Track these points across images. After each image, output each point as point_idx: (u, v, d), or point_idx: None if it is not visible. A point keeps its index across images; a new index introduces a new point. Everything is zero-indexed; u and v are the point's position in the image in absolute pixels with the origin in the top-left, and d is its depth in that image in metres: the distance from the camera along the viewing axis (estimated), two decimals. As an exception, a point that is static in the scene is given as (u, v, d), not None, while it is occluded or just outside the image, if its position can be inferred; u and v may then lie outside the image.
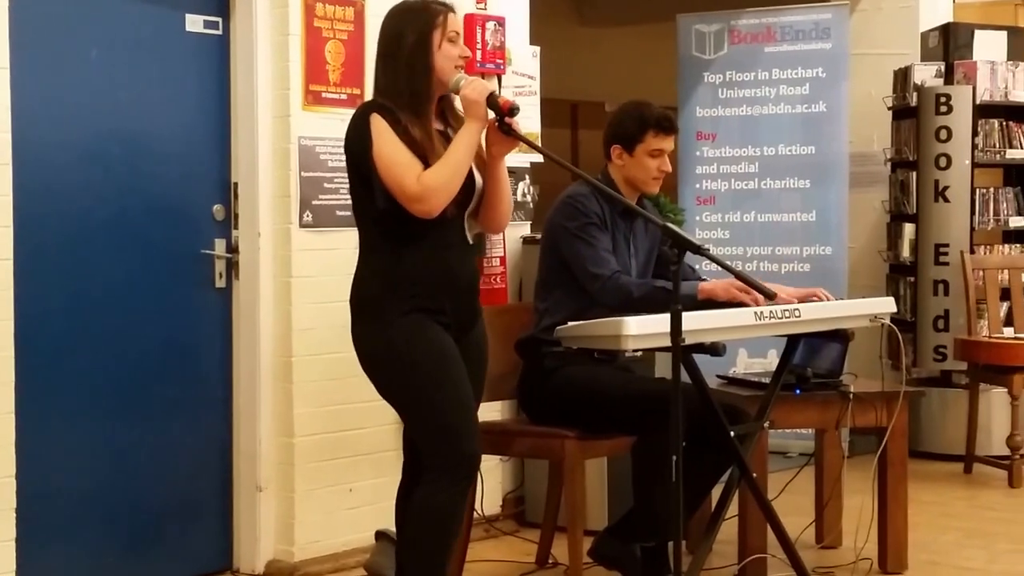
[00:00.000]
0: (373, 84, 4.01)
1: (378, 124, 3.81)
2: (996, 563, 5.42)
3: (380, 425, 5.33)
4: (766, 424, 4.78)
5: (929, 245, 7.50)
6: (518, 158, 5.74)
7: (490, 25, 5.83)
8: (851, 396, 5.00)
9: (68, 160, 4.69)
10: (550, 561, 5.25)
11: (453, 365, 3.90)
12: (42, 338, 4.58)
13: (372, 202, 3.87)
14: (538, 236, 5.81)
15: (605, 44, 11.21)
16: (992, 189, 7.70)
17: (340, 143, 3.98)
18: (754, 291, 4.38)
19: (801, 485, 5.34)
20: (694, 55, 7.62)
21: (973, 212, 7.50)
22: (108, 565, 4.82)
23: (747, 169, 7.55)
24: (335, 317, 5.03)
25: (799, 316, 4.47)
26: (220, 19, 5.10)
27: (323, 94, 5.20)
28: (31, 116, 4.53)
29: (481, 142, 3.97)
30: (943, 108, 7.43)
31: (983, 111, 7.59)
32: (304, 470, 5.17)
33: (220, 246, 5.12)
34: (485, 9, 5.87)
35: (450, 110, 4.04)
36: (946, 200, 7.45)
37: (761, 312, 4.37)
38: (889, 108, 7.88)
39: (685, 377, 4.01)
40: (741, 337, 5.36)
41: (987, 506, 6.47)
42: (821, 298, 4.71)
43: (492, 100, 3.88)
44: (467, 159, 3.84)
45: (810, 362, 5.02)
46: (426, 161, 3.81)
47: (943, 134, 7.44)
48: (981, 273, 7.25)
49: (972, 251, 7.40)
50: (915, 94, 7.60)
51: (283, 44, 5.11)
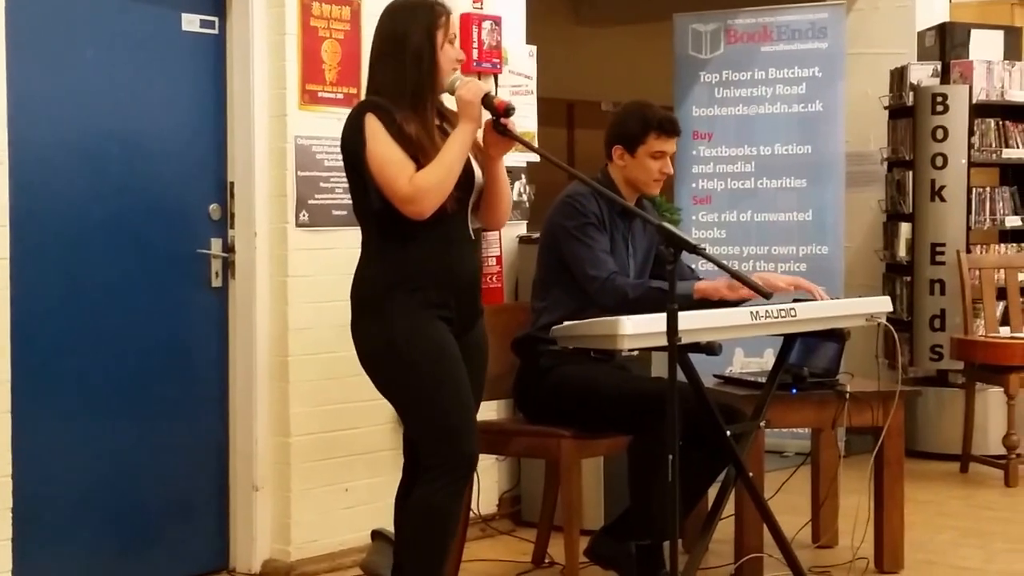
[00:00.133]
0: (368, 83, 4.01)
1: (372, 124, 3.81)
2: (992, 562, 5.42)
3: (376, 425, 5.34)
4: (762, 423, 4.78)
5: (925, 244, 7.50)
6: (514, 157, 5.74)
7: (486, 24, 5.83)
8: (847, 395, 5.00)
9: (64, 159, 4.69)
10: (546, 560, 5.25)
11: (454, 364, 3.90)
12: (38, 338, 4.58)
13: (370, 201, 3.87)
14: (534, 236, 5.82)
15: (601, 43, 11.20)
16: (988, 188, 7.70)
17: (337, 142, 3.97)
18: (749, 290, 4.38)
19: (797, 484, 5.34)
20: (690, 54, 7.62)
21: (969, 211, 7.50)
22: (104, 564, 4.82)
23: (743, 168, 7.55)
24: (331, 316, 5.04)
25: (795, 315, 4.46)
26: (216, 18, 5.10)
27: (319, 93, 5.20)
28: (27, 116, 4.53)
29: (479, 140, 3.97)
30: (939, 107, 7.43)
31: (979, 110, 7.59)
32: (300, 470, 5.17)
33: (216, 245, 5.12)
34: (481, 8, 5.87)
35: (443, 111, 4.04)
36: (942, 199, 7.46)
37: (757, 311, 4.36)
38: (885, 107, 7.88)
39: (681, 376, 4.01)
40: (737, 336, 5.36)
41: (983, 505, 6.47)
42: (815, 294, 4.71)
43: (487, 101, 3.88)
44: (460, 160, 3.84)
45: (806, 361, 5.02)
46: (421, 159, 3.81)
47: (939, 133, 7.44)
48: (977, 272, 7.25)
49: (968, 250, 7.39)
50: (911, 93, 7.60)
51: (279, 43, 5.11)
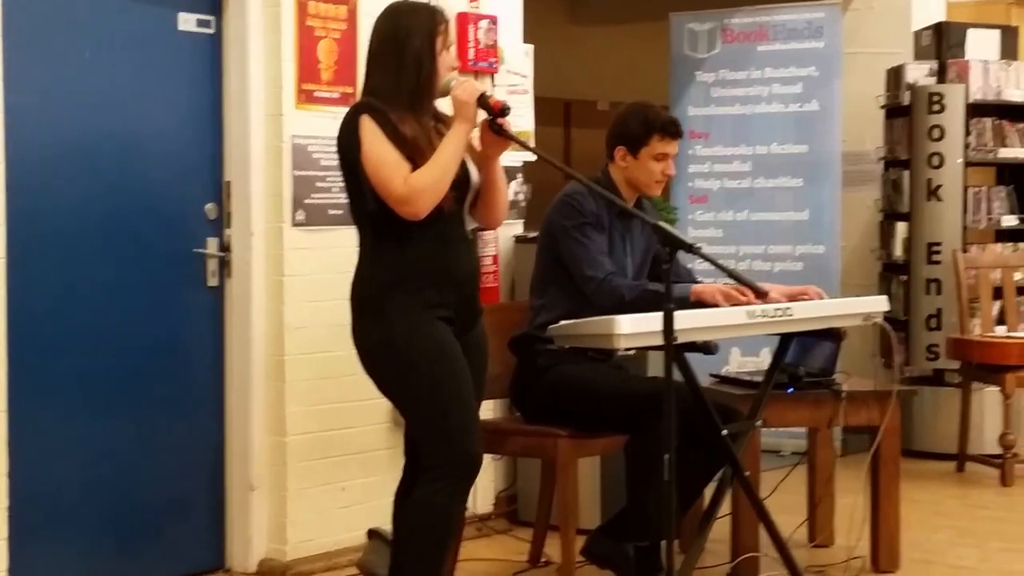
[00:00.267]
0: (364, 83, 4.00)
1: (367, 125, 3.80)
2: (988, 561, 5.43)
3: (372, 424, 5.34)
4: (759, 423, 4.78)
5: (922, 244, 7.51)
6: (510, 157, 5.72)
7: (483, 24, 5.83)
8: (843, 395, 5.00)
9: (61, 159, 4.69)
10: (543, 560, 5.24)
11: (455, 364, 3.88)
12: (35, 337, 4.58)
13: (366, 202, 3.87)
14: (531, 235, 5.82)
15: (598, 43, 11.19)
16: (985, 188, 7.71)
17: (333, 142, 3.97)
18: (746, 290, 4.38)
19: (793, 484, 5.34)
20: (687, 54, 7.62)
21: (966, 211, 7.51)
22: (101, 564, 4.82)
23: (740, 168, 7.56)
24: (328, 316, 5.04)
25: (792, 315, 4.47)
26: (213, 18, 5.10)
27: (316, 93, 5.20)
28: (24, 115, 4.52)
29: (475, 141, 3.97)
30: (936, 107, 7.44)
31: (975, 110, 7.59)
32: (296, 469, 5.17)
33: (212, 245, 5.11)
34: (478, 8, 5.87)
35: (438, 114, 4.04)
36: (939, 199, 7.46)
37: (754, 311, 4.37)
38: (882, 107, 7.88)
39: (678, 376, 4.01)
40: (734, 336, 5.35)
41: (979, 505, 6.48)
42: (812, 296, 4.71)
43: (483, 101, 3.89)
44: (455, 161, 3.83)
45: (803, 361, 5.03)
46: (417, 160, 3.81)
47: (936, 133, 7.44)
48: (974, 272, 7.25)
49: (965, 250, 7.40)
50: (908, 93, 7.60)
51: (276, 43, 5.10)
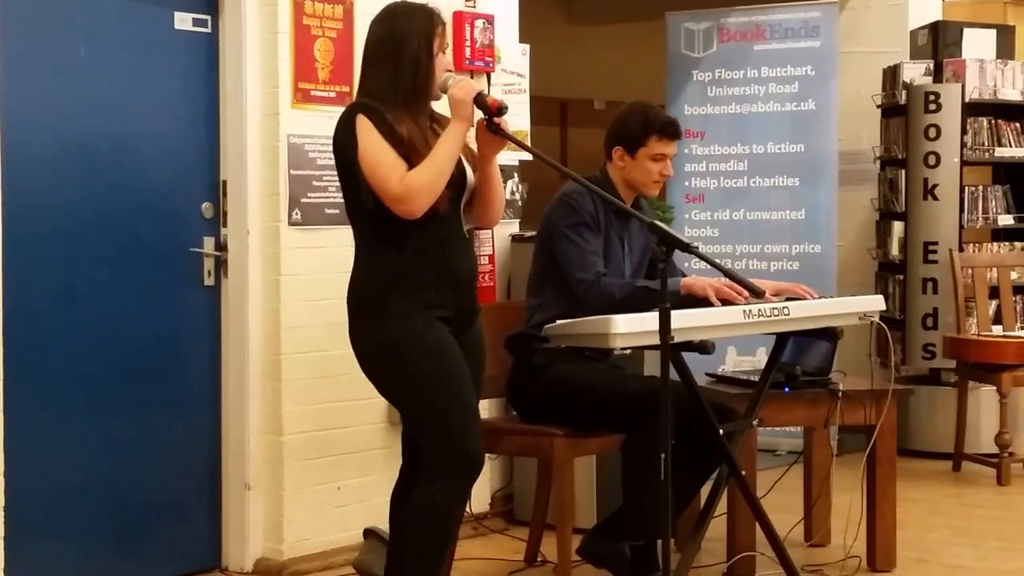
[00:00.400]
0: (360, 83, 4.00)
1: (363, 125, 3.80)
2: (984, 561, 5.43)
3: (369, 423, 5.34)
4: (755, 422, 4.79)
5: (918, 243, 7.51)
6: (507, 156, 5.73)
7: (479, 23, 5.83)
8: (840, 394, 5.00)
9: (57, 158, 4.68)
10: (539, 559, 5.24)
11: (454, 364, 3.88)
12: (30, 335, 4.57)
13: (362, 202, 3.86)
14: (527, 234, 5.82)
15: (594, 42, 11.19)
16: (981, 187, 7.71)
17: (329, 141, 3.97)
18: (737, 286, 4.37)
19: (790, 483, 5.34)
20: (683, 53, 7.62)
21: (962, 210, 7.50)
22: (97, 563, 4.81)
23: (736, 167, 7.55)
24: (324, 315, 5.04)
25: (788, 314, 4.47)
26: (209, 17, 5.09)
27: (312, 92, 5.19)
28: (19, 114, 4.53)
29: (471, 140, 3.97)
30: (932, 106, 7.44)
31: (972, 109, 7.60)
32: (292, 468, 5.16)
33: (209, 244, 5.11)
34: (474, 7, 5.86)
35: (434, 114, 4.03)
36: (935, 198, 7.46)
37: (750, 310, 4.36)
38: (878, 106, 7.88)
39: (674, 375, 4.01)
40: (730, 335, 5.36)
41: (975, 504, 6.48)
42: (801, 294, 4.70)
43: (480, 100, 3.88)
44: (451, 160, 3.83)
45: (799, 360, 5.02)
46: (413, 159, 3.81)
47: (932, 132, 7.44)
48: (970, 271, 7.26)
49: (961, 249, 7.40)
50: (904, 92, 7.60)
51: (272, 42, 5.10)
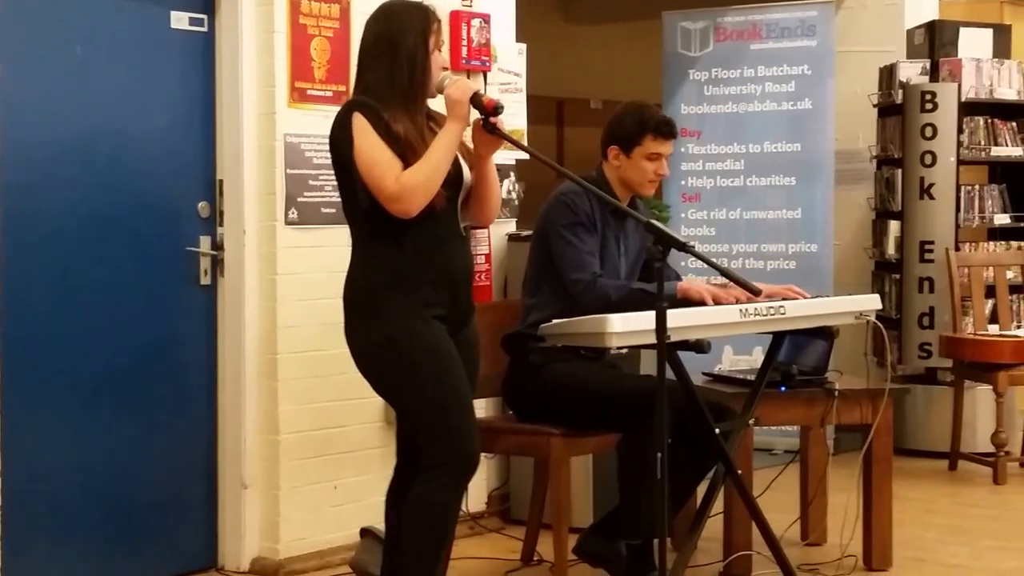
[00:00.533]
0: (356, 81, 4.00)
1: (360, 123, 3.80)
2: (980, 559, 5.43)
3: (365, 423, 5.34)
4: (751, 421, 4.79)
5: (914, 242, 7.51)
6: (503, 155, 5.72)
7: (475, 22, 5.82)
8: (836, 393, 5.00)
9: (53, 157, 4.68)
10: (535, 558, 5.25)
11: (452, 363, 3.88)
12: (27, 335, 4.57)
13: (359, 201, 3.86)
14: (524, 233, 5.82)
15: (591, 41, 11.20)
16: (977, 186, 7.72)
17: (325, 140, 3.96)
18: (734, 289, 4.37)
19: (786, 482, 5.34)
20: (680, 52, 7.62)
21: (958, 209, 7.51)
22: (93, 562, 4.81)
23: (733, 166, 7.55)
24: (320, 314, 5.04)
25: (784, 313, 4.47)
26: (205, 16, 5.09)
27: (308, 91, 5.19)
28: (16, 113, 4.52)
29: (468, 139, 3.97)
30: (928, 105, 7.44)
31: (968, 108, 7.60)
32: (289, 467, 5.16)
33: (205, 243, 5.11)
34: (471, 6, 5.86)
35: (431, 113, 4.03)
36: (931, 197, 7.46)
37: (746, 309, 4.37)
38: (875, 105, 7.89)
39: (670, 374, 4.01)
40: (726, 334, 5.37)
41: (972, 503, 6.48)
42: (793, 296, 4.69)
43: (476, 99, 3.88)
44: (447, 159, 3.83)
45: (795, 359, 5.02)
46: (409, 158, 3.80)
47: (928, 131, 7.44)
48: (966, 270, 7.26)
49: (957, 248, 7.40)
50: (900, 91, 7.61)
51: (268, 41, 5.10)
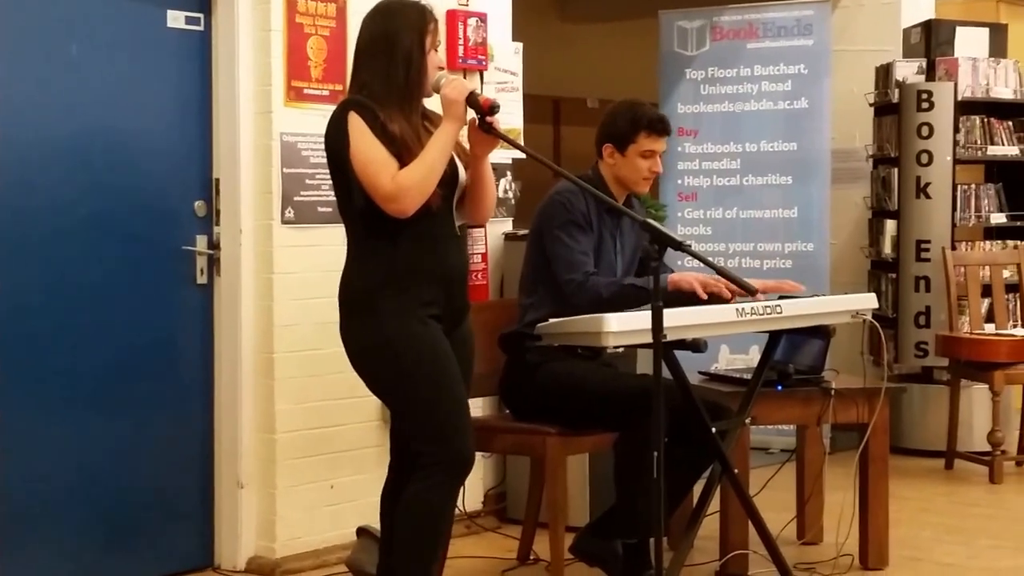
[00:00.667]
0: (352, 80, 3.99)
1: (355, 122, 3.80)
2: (977, 559, 5.43)
3: (361, 421, 5.33)
4: (748, 420, 4.79)
5: (911, 241, 7.52)
6: (500, 154, 5.72)
7: (472, 21, 5.82)
8: (832, 392, 5.00)
9: (49, 156, 4.68)
10: (532, 557, 5.25)
11: (447, 363, 3.88)
12: (23, 334, 4.57)
13: (354, 200, 3.86)
14: (520, 232, 5.82)
15: (587, 40, 11.19)
16: (973, 185, 7.72)
17: (322, 139, 3.96)
18: (725, 280, 4.35)
19: (782, 481, 5.35)
20: (676, 51, 7.62)
21: (955, 208, 7.52)
22: (89, 561, 4.81)
23: (729, 165, 7.55)
24: (317, 313, 5.04)
25: (780, 312, 4.47)
26: (202, 15, 5.09)
27: (305, 90, 5.19)
28: (11, 112, 4.52)
29: (463, 139, 3.97)
30: (925, 105, 7.44)
31: (964, 107, 7.61)
32: (285, 466, 5.16)
33: (202, 242, 5.11)
34: (467, 5, 5.86)
35: (427, 112, 4.03)
36: (928, 196, 7.47)
37: (743, 308, 4.36)
38: (871, 104, 7.89)
39: (667, 373, 4.01)
40: (723, 333, 5.36)
41: (968, 502, 6.49)
42: (788, 290, 4.70)
43: (472, 99, 3.88)
44: (442, 159, 3.83)
45: (792, 358, 5.03)
46: (405, 158, 3.80)
47: (925, 130, 7.45)
48: (962, 269, 7.27)
49: (953, 247, 7.41)
50: (897, 91, 7.61)
51: (265, 40, 5.10)
